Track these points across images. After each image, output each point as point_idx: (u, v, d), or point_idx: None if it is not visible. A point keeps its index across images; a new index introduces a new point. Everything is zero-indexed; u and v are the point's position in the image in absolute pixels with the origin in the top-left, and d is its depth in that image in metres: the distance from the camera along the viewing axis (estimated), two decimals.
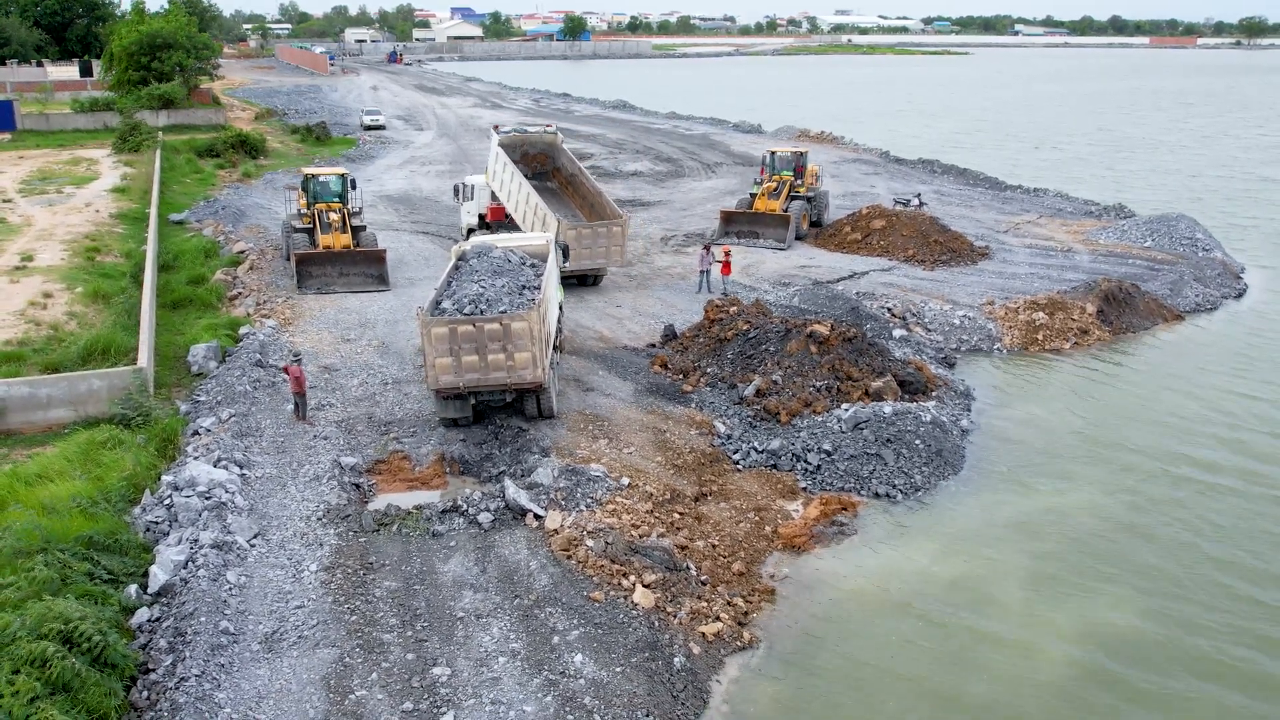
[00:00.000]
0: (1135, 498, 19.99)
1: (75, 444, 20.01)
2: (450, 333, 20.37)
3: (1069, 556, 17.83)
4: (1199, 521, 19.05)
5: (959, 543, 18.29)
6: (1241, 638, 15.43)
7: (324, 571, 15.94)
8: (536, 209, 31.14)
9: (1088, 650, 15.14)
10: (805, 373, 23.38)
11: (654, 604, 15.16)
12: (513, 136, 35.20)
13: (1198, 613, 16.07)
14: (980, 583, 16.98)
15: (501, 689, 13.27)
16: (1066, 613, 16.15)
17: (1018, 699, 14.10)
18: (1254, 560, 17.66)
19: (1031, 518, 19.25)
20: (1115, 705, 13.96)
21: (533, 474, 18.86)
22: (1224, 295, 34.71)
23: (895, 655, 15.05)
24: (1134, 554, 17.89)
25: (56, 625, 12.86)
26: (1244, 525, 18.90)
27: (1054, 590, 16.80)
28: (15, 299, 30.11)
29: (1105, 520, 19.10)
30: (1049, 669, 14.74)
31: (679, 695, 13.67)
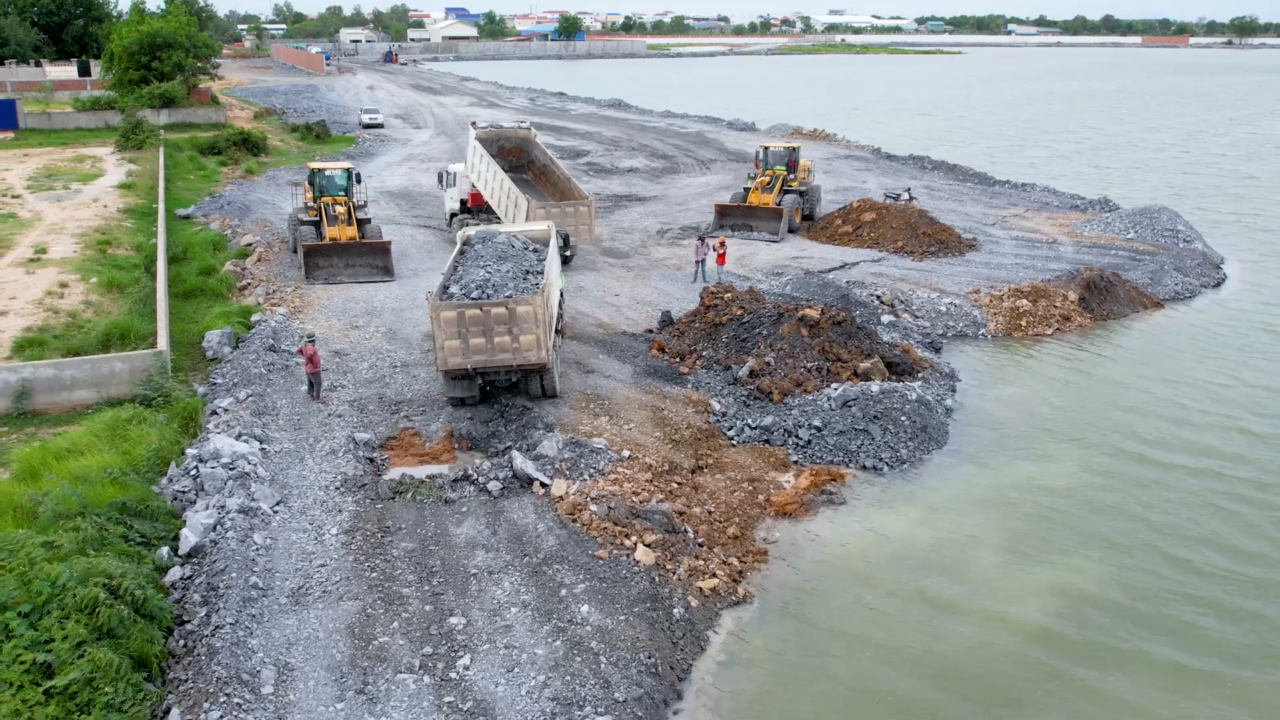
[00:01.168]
0: (1106, 474, 21.05)
1: (102, 421, 21.00)
2: (458, 316, 21.37)
3: (1041, 526, 18.91)
4: (1162, 497, 20.07)
5: (940, 511, 19.37)
6: (1193, 601, 16.44)
7: (344, 534, 16.98)
8: (509, 193, 33.25)
9: (1053, 608, 16.23)
10: (797, 354, 24.45)
11: (654, 561, 16.22)
12: (489, 131, 38.22)
13: (1155, 578, 17.06)
14: (958, 547, 18.06)
15: (514, 635, 14.33)
16: (1035, 575, 17.23)
17: (989, 648, 15.18)
18: (1208, 532, 18.65)
19: (1008, 490, 20.33)
20: (1076, 656, 15.03)
21: (538, 447, 19.90)
22: (1203, 284, 35.85)
23: (878, 610, 16.13)
24: (1101, 525, 18.94)
25: (101, 579, 13.86)
26: (1201, 501, 19.85)
27: (1025, 555, 17.87)
28: (33, 288, 31.08)
29: (1076, 494, 20.17)
30: (1017, 624, 15.82)
31: (678, 642, 14.75)
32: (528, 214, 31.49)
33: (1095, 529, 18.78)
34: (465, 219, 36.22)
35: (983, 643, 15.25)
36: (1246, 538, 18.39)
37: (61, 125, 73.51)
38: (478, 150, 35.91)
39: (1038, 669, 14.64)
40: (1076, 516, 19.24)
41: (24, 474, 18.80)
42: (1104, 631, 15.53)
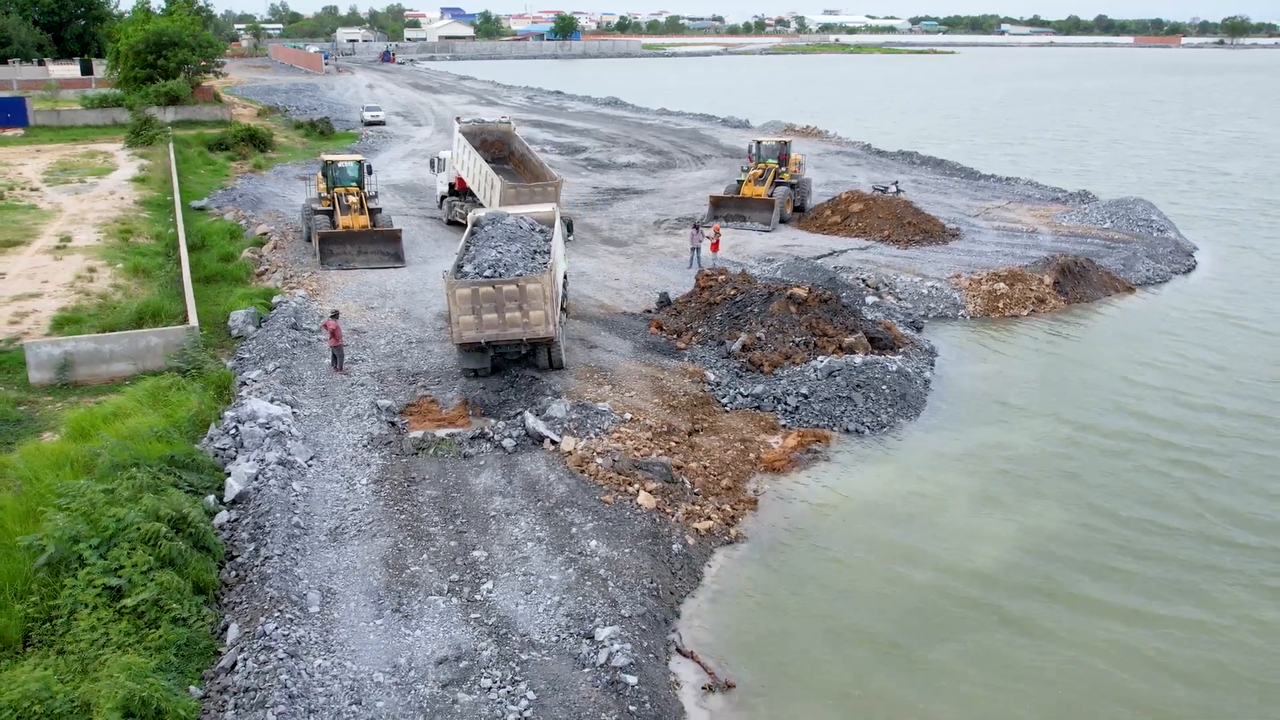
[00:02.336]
0: (1067, 440, 22.77)
1: (143, 389, 22.71)
2: (473, 293, 23.12)
3: (1007, 481, 20.70)
4: (1115, 461, 21.72)
5: (916, 468, 21.16)
6: (1141, 549, 18.10)
7: (374, 484, 18.73)
8: (487, 177, 36.45)
9: (1015, 548, 18.05)
10: (786, 330, 26.23)
11: (655, 506, 18.00)
12: (472, 125, 41.87)
13: (1100, 531, 18.62)
14: (931, 498, 19.84)
15: (531, 565, 16.09)
16: (1000, 521, 19.03)
17: (954, 581, 16.95)
18: (1158, 489, 20.37)
19: (979, 450, 22.11)
20: (1024, 594, 16.82)
21: (547, 410, 21.66)
22: (1174, 270, 37.71)
23: (855, 549, 17.90)
24: (1061, 481, 20.72)
25: (170, 513, 15.59)
26: (1153, 462, 21.51)
27: (992, 505, 19.67)
28: (63, 273, 32.78)
29: (1041, 454, 21.95)
30: (982, 561, 17.60)
31: (676, 573, 16.52)
32: (501, 193, 34.71)
33: (1055, 483, 20.59)
34: (453, 200, 40.98)
35: (942, 581, 16.95)
36: (1177, 495, 20.04)
37: (70, 122, 75.11)
38: (461, 142, 39.34)
39: (988, 603, 16.36)
40: (1037, 476, 21.01)
41: (75, 434, 20.55)
42: (1050, 574, 17.19)
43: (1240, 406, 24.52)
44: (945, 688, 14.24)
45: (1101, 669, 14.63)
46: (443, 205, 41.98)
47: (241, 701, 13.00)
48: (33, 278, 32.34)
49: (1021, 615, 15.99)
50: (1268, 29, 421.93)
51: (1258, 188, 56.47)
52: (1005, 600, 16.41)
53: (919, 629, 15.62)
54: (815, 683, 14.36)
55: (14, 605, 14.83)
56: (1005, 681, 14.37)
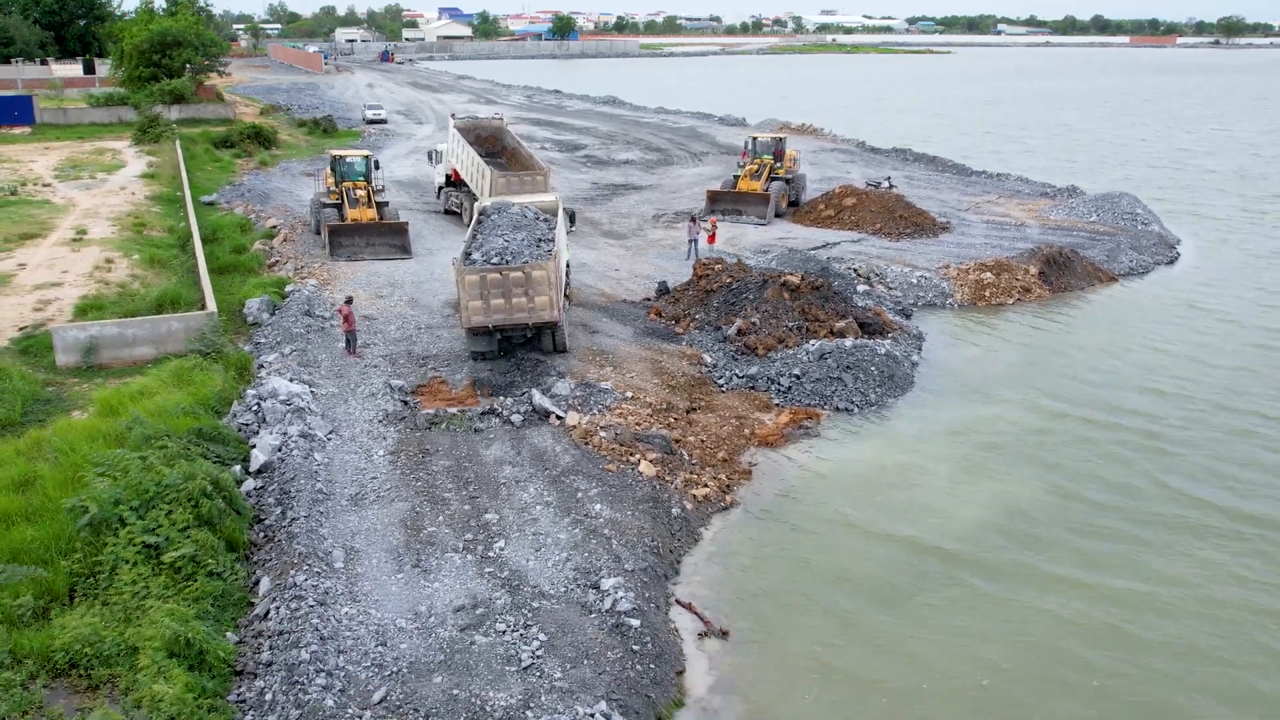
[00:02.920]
0: (1044, 418, 23.94)
1: (167, 370, 23.85)
2: (481, 280, 24.27)
3: (988, 449, 21.91)
4: (1088, 437, 22.83)
5: (902, 442, 22.35)
6: (1104, 521, 19.17)
7: (390, 455, 19.89)
8: (478, 167, 38.35)
9: (996, 505, 19.28)
10: (779, 315, 27.41)
11: (655, 474, 19.18)
12: (466, 122, 44.51)
13: (1075, 501, 19.83)
14: (915, 468, 21.03)
15: (540, 525, 17.26)
16: (980, 488, 20.23)
17: (930, 544, 18.10)
18: (1123, 467, 21.45)
19: (962, 426, 23.29)
20: (1010, 537, 18.02)
21: (553, 388, 22.84)
22: (1156, 261, 38.93)
23: (843, 513, 19.07)
24: (1038, 453, 21.90)
25: (204, 480, 16.72)
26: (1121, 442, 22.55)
27: (972, 474, 20.86)
28: (82, 264, 33.89)
29: (1019, 429, 23.13)
30: (962, 522, 18.80)
31: (676, 534, 17.70)
32: (491, 182, 36.57)
33: (1032, 453, 21.80)
34: (449, 191, 43.41)
35: (919, 544, 18.10)
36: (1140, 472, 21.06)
37: (76, 120, 76.14)
38: (455, 137, 41.62)
39: (959, 564, 17.49)
40: (1013, 452, 22.18)
41: (105, 411, 21.69)
42: (1018, 540, 18.25)
43: (1203, 393, 25.52)
44: (917, 636, 15.41)
45: (1058, 623, 15.78)
46: (440, 195, 44.57)
47: (276, 643, 14.16)
48: (52, 268, 33.45)
49: (989, 575, 17.13)
50: (1263, 29, 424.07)
51: (1242, 184, 57.72)
52: (975, 562, 17.55)
53: (896, 586, 16.78)
54: (802, 632, 15.51)
55: (60, 562, 15.97)
56: (969, 633, 15.51)
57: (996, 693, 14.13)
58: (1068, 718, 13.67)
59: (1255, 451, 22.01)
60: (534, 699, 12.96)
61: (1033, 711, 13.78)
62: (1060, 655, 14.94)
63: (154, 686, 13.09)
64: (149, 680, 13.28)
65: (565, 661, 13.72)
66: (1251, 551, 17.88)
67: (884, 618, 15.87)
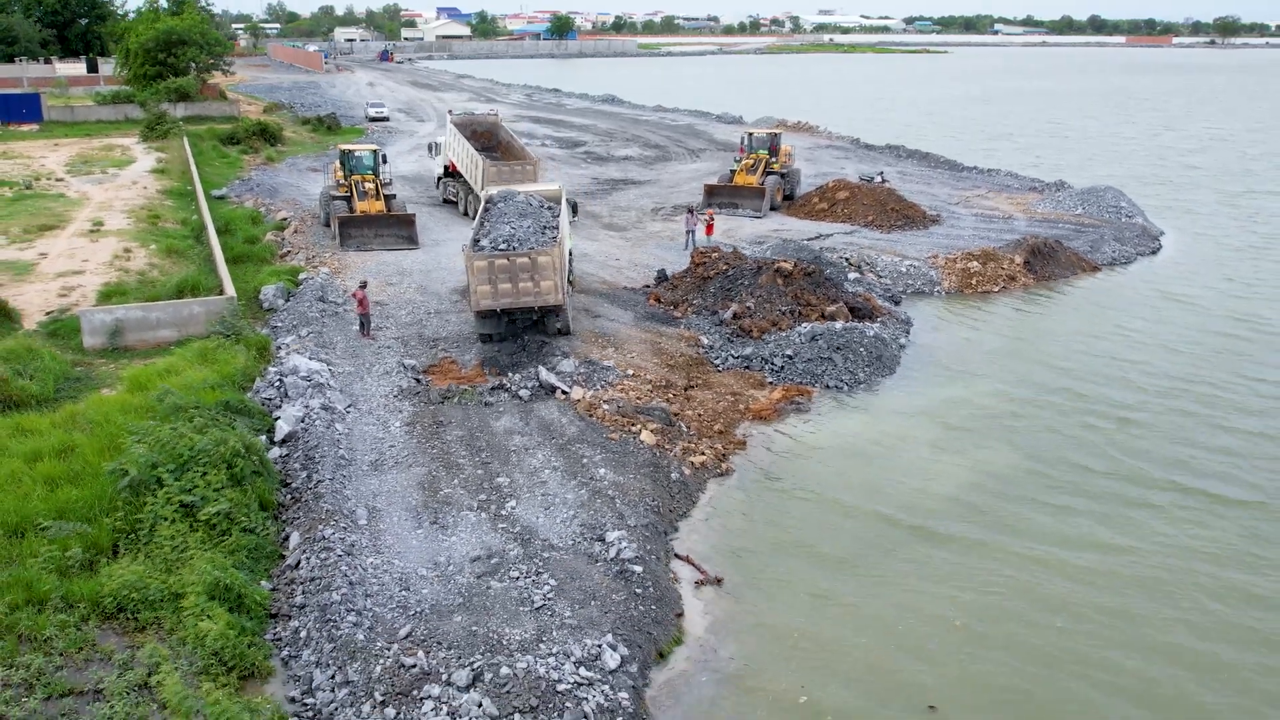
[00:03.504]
0: (1025, 394, 25.24)
1: (191, 350, 25.12)
2: (489, 265, 25.52)
3: (967, 426, 23.19)
4: (1063, 413, 24.10)
5: (888, 416, 23.64)
6: (1074, 487, 20.51)
7: (406, 426, 21.16)
8: (472, 158, 40.90)
9: (972, 475, 20.56)
10: (773, 300, 28.69)
11: (655, 443, 20.47)
12: (463, 118, 47.05)
13: (1047, 470, 21.12)
14: (899, 439, 22.32)
15: (548, 487, 18.54)
16: (959, 456, 21.53)
17: (911, 506, 19.37)
18: (1093, 440, 22.67)
19: (943, 404, 24.57)
20: (983, 503, 19.31)
21: (558, 366, 24.10)
22: (1139, 252, 40.27)
23: (829, 481, 20.35)
24: (1014, 427, 23.19)
25: (237, 443, 17.97)
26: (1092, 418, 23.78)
27: (952, 444, 22.16)
28: (101, 253, 35.14)
29: (995, 408, 24.38)
30: (941, 486, 20.09)
31: (675, 496, 18.98)
32: (484, 171, 39.03)
33: (1009, 427, 23.11)
34: (447, 181, 45.89)
35: (900, 506, 19.34)
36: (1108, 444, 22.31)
37: (83, 118, 77.35)
38: (452, 131, 44.24)
39: (937, 525, 18.74)
40: (997, 419, 23.53)
41: (134, 387, 22.94)
42: (993, 504, 19.49)
43: (1165, 375, 26.60)
44: (891, 585, 16.70)
45: (1028, 577, 17.04)
46: (439, 185, 47.23)
47: (309, 588, 15.43)
48: (73, 257, 34.70)
49: (963, 535, 18.38)
50: (1259, 29, 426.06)
51: (1224, 180, 59.10)
52: (952, 523, 18.81)
53: (876, 543, 18.05)
54: (789, 582, 16.78)
55: (103, 520, 17.21)
56: (940, 583, 16.76)
57: (968, 632, 15.40)
58: (1029, 651, 14.94)
59: (1207, 430, 23.17)
60: (546, 634, 14.23)
61: (1003, 643, 15.06)
62: (1028, 598, 16.22)
63: (199, 624, 14.36)
64: (193, 619, 14.55)
65: (574, 603, 14.99)
66: (1194, 521, 19.07)
67: (864, 570, 17.15)
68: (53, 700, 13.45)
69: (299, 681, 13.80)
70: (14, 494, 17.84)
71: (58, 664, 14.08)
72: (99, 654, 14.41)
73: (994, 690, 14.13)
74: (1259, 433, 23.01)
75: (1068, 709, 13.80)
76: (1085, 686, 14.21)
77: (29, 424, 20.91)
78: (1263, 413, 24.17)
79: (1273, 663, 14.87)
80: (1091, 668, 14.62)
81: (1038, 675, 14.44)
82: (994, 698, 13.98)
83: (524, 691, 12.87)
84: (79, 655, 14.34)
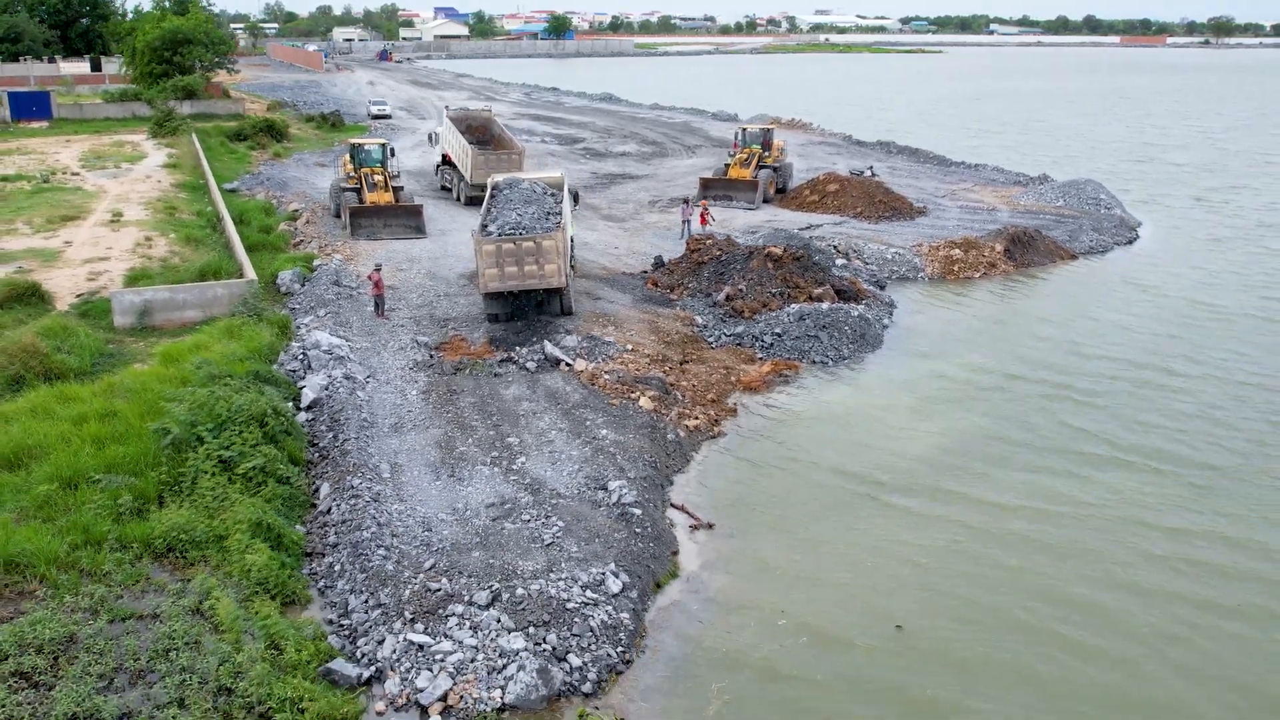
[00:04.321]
0: (997, 369, 26.93)
1: (218, 327, 26.80)
2: (497, 249, 27.23)
3: (941, 396, 24.92)
4: (1033, 383, 25.88)
5: (867, 388, 25.38)
6: (1036, 449, 22.28)
7: (422, 394, 22.87)
8: (463, 147, 45.02)
9: (942, 439, 22.28)
10: (763, 283, 30.43)
11: (653, 408, 22.19)
12: (458, 112, 51.28)
13: (1012, 434, 22.90)
14: (878, 408, 24.05)
15: (555, 446, 20.25)
16: (934, 421, 23.26)
17: (893, 459, 21.13)
18: (1055, 410, 24.43)
19: (922, 376, 26.30)
20: (950, 462, 21.04)
21: (561, 341, 25.81)
22: (1116, 242, 42.03)
23: (814, 442, 22.08)
24: (986, 396, 24.92)
25: (269, 405, 19.67)
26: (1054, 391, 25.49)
27: (928, 410, 23.89)
28: (123, 241, 36.81)
29: (971, 379, 26.11)
30: (914, 448, 21.80)
31: (670, 454, 20.71)
32: (472, 159, 43.37)
33: (981, 396, 24.86)
34: (444, 169, 49.02)
35: (877, 464, 21.07)
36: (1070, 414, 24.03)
37: (92, 115, 79.03)
38: (448, 125, 48.45)
39: (909, 481, 20.47)
40: (970, 389, 25.28)
41: (167, 360, 24.61)
42: (961, 462, 21.18)
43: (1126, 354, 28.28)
44: (867, 531, 18.38)
45: (986, 522, 18.76)
46: (437, 173, 50.67)
47: (340, 530, 17.14)
48: (97, 245, 36.36)
49: (931, 487, 20.05)
50: (1254, 29, 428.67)
51: (1203, 176, 60.94)
52: (921, 478, 20.49)
53: (855, 495, 19.77)
54: (774, 528, 18.47)
55: (148, 473, 18.88)
56: (911, 529, 18.42)
57: (931, 567, 17.12)
58: (985, 581, 16.67)
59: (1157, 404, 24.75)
60: (555, 566, 15.94)
61: (963, 576, 16.78)
62: (985, 540, 17.95)
63: (245, 557, 16.05)
64: (239, 554, 16.25)
65: (580, 540, 16.70)
66: (1138, 477, 20.72)
67: (840, 517, 18.86)
68: (116, 623, 15.12)
69: (335, 607, 15.50)
70: (65, 451, 19.51)
71: (118, 594, 15.75)
72: (153, 586, 16.07)
73: (953, 613, 15.85)
74: (1206, 407, 24.71)
75: (1017, 628, 15.52)
76: (1035, 609, 15.95)
77: (71, 393, 22.56)
78: (1206, 390, 25.74)
79: (1195, 588, 16.59)
80: (1041, 596, 16.36)
81: (992, 601, 16.18)
82: (953, 619, 15.70)
83: (537, 609, 14.60)
84: (135, 587, 16.00)
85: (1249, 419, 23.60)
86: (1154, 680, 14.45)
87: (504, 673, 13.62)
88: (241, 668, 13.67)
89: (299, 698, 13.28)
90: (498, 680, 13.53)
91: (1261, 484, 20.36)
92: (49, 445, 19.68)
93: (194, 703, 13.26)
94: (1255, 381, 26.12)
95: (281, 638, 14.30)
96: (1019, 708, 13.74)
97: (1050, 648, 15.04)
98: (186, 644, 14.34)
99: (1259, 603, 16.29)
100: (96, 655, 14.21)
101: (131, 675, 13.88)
